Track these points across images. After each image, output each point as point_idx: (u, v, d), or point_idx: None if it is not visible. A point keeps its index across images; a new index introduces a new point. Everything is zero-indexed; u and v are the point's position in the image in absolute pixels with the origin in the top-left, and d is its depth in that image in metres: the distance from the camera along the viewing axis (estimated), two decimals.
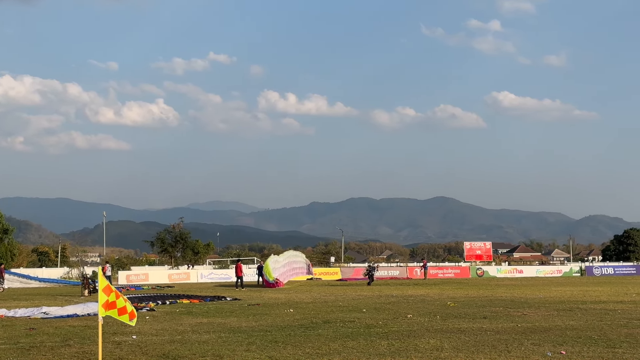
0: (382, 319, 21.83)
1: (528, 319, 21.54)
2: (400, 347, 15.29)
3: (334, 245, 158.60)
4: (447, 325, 19.80)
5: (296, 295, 36.50)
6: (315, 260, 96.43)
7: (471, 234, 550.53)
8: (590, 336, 16.83)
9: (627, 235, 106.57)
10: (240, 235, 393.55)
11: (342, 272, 66.66)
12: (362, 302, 30.24)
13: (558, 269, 76.18)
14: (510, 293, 36.95)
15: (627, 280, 58.79)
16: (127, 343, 16.34)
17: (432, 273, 67.58)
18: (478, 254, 79.66)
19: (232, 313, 24.77)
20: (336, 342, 16.20)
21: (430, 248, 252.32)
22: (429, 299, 31.79)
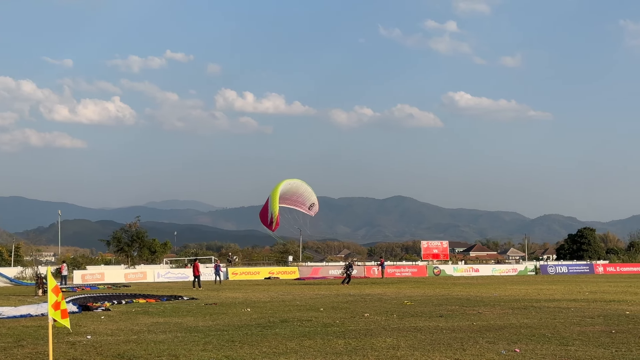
0: (340, 317, 21.87)
1: (483, 317, 21.76)
2: (357, 346, 15.33)
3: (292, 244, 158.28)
4: (403, 323, 19.91)
5: (254, 294, 36.44)
6: (273, 260, 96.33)
7: (428, 232, 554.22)
8: (544, 334, 17.06)
9: (580, 235, 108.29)
10: (198, 234, 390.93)
11: (300, 271, 66.76)
12: (319, 301, 30.28)
13: (513, 268, 77.15)
14: (466, 292, 37.29)
15: (581, 278, 59.76)
16: (82, 343, 16.14)
17: (390, 272, 67.99)
18: (435, 253, 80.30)
19: (189, 312, 24.62)
20: (293, 341, 16.19)
21: (388, 247, 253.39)
22: (386, 298, 31.94)
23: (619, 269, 78.99)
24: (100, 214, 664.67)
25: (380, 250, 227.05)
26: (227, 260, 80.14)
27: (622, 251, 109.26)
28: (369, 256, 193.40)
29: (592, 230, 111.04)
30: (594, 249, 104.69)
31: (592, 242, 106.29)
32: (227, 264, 73.70)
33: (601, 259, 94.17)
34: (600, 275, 70.78)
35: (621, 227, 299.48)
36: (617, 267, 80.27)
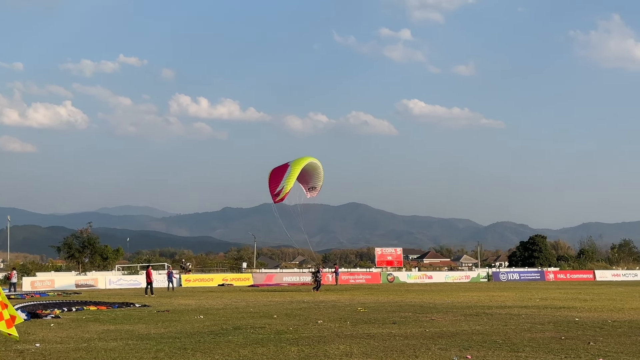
0: (293, 324, 21.83)
1: (436, 324, 21.91)
2: (310, 353, 15.31)
3: (247, 250, 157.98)
4: (357, 330, 19.94)
5: (207, 301, 36.21)
6: (227, 266, 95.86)
7: (383, 239, 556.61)
8: (495, 340, 17.22)
9: (532, 242, 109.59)
10: (151, 240, 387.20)
11: (254, 277, 66.52)
12: (273, 307, 30.20)
13: (466, 275, 77.87)
14: (419, 298, 37.51)
15: (532, 285, 60.53)
16: (30, 351, 15.86)
17: (344, 279, 68.07)
18: (389, 260, 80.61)
19: (141, 320, 24.36)
20: (246, 348, 16.11)
21: (342, 254, 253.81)
22: (340, 305, 31.98)
23: (569, 276, 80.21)
24: (51, 219, 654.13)
25: (334, 257, 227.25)
26: (181, 267, 79.47)
27: (573, 258, 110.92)
28: (324, 263, 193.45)
29: (543, 237, 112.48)
30: (545, 256, 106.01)
31: (543, 250, 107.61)
32: (181, 270, 73.11)
33: (552, 266, 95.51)
34: (551, 282, 71.78)
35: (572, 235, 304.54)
36: (567, 274, 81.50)
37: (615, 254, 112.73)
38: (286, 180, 44.02)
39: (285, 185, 43.90)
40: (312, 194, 48.63)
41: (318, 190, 48.51)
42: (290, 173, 44.33)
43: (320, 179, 48.08)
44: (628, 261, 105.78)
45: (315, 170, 47.36)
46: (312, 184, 48.15)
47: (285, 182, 43.96)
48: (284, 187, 43.89)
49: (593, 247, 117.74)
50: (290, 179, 44.02)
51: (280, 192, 43.90)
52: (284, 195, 44.24)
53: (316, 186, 48.06)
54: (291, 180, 43.99)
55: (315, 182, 48.09)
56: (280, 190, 43.85)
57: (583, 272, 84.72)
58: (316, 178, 48.00)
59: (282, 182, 44.10)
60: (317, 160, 47.76)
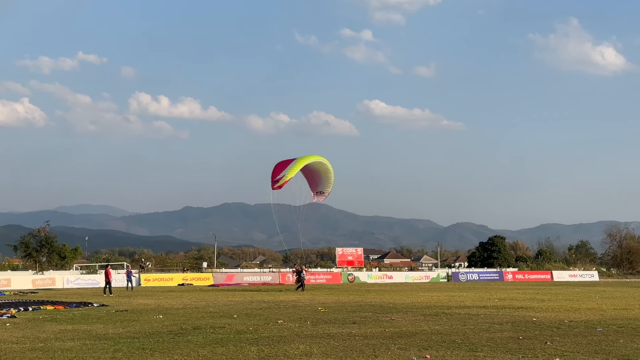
0: (253, 324, 21.76)
1: (396, 324, 21.99)
2: (270, 353, 15.27)
3: (207, 250, 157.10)
4: (317, 330, 19.94)
5: (166, 301, 35.95)
6: (187, 266, 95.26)
7: (344, 239, 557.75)
8: (454, 340, 17.34)
9: (491, 243, 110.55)
10: (110, 239, 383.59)
11: (214, 277, 66.21)
12: (233, 307, 30.08)
13: (426, 275, 78.37)
14: (379, 298, 37.64)
15: (491, 285, 61.11)
16: None
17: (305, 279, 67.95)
18: (350, 260, 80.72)
19: (99, 319, 24.09)
20: (205, 348, 16.01)
21: (303, 254, 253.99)
22: (301, 305, 31.97)
23: (527, 277, 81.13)
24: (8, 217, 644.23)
25: (295, 257, 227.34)
26: (140, 267, 78.77)
27: (531, 259, 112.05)
28: (284, 263, 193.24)
29: (502, 238, 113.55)
30: (504, 257, 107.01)
31: (502, 250, 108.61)
32: (140, 270, 72.48)
33: (511, 267, 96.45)
34: (510, 282, 72.51)
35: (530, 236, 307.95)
36: (525, 275, 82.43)
37: (573, 255, 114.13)
38: (289, 170, 44.31)
39: (287, 174, 44.45)
40: (319, 198, 48.71)
41: (326, 195, 48.78)
42: (294, 165, 44.69)
43: (330, 184, 48.35)
44: (585, 262, 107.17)
45: (325, 174, 47.48)
46: (321, 189, 48.35)
47: (287, 172, 44.26)
48: (285, 176, 44.43)
49: (551, 248, 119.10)
50: (293, 169, 44.40)
51: (280, 180, 44.26)
52: (283, 183, 44.69)
53: (324, 191, 48.41)
54: (293, 171, 44.43)
55: (324, 187, 48.40)
56: (281, 178, 44.22)
57: (541, 272, 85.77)
58: (326, 183, 48.27)
59: (284, 171, 44.63)
60: (327, 163, 47.70)
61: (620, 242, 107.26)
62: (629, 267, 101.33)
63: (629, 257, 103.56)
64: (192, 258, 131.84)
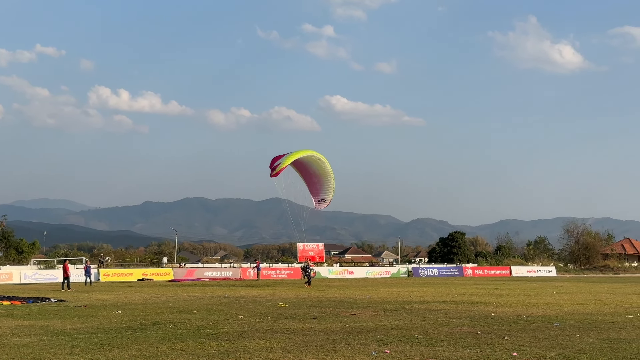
0: (213, 320, 21.67)
1: (356, 319, 22.06)
2: (230, 348, 15.22)
3: (167, 245, 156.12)
4: (277, 325, 19.92)
5: (126, 296, 35.65)
6: (147, 261, 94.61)
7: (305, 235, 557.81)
8: (414, 335, 17.44)
9: (451, 238, 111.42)
10: (69, 234, 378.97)
11: (174, 272, 65.80)
12: (193, 303, 29.94)
13: (387, 270, 78.80)
14: (340, 294, 37.74)
15: (450, 281, 61.63)
16: None
17: (265, 274, 68.01)
18: (311, 255, 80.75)
19: (57, 315, 23.79)
20: (164, 344, 15.90)
21: (264, 249, 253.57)
22: (261, 300, 31.93)
23: (487, 272, 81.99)
24: None
25: (256, 252, 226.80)
26: (99, 262, 78.06)
27: (490, 254, 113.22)
28: (246, 258, 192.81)
29: (462, 234, 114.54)
30: (464, 252, 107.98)
31: (462, 246, 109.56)
32: (99, 265, 71.79)
33: (470, 262, 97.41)
34: (469, 277, 73.21)
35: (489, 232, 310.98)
36: (484, 270, 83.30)
37: (531, 251, 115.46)
38: (285, 158, 44.64)
39: (282, 162, 44.44)
40: (321, 206, 48.43)
41: (328, 203, 48.37)
42: (290, 154, 45.05)
43: (331, 190, 48.09)
44: (543, 257, 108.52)
45: (325, 177, 47.34)
46: (322, 196, 48.07)
47: (283, 160, 44.53)
48: (281, 163, 44.47)
49: (510, 243, 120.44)
50: (289, 158, 44.68)
51: (277, 167, 44.68)
52: (280, 170, 44.93)
53: (326, 199, 48.06)
54: (289, 160, 44.59)
55: (325, 194, 48.15)
56: (277, 165, 44.68)
57: (500, 268, 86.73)
58: (327, 189, 48.02)
59: (280, 160, 44.75)
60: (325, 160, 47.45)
61: (577, 238, 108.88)
62: (585, 263, 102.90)
63: (586, 253, 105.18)
64: (152, 253, 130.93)
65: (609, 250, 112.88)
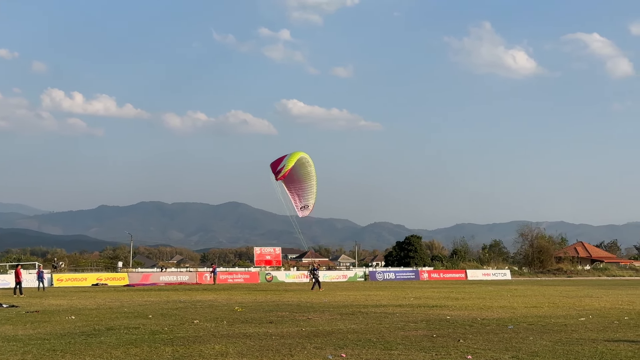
0: (168, 325, 21.48)
1: (312, 323, 22.04)
2: (185, 353, 15.09)
3: (123, 249, 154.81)
4: (233, 330, 19.82)
5: (79, 301, 35.19)
6: (102, 266, 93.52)
7: (262, 239, 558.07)
8: (370, 339, 17.47)
9: (408, 242, 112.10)
10: (22, 238, 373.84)
11: (129, 277, 65.17)
12: (148, 307, 29.66)
13: (343, 274, 78.97)
14: (297, 298, 37.70)
15: (407, 284, 61.94)
16: None
17: (222, 278, 67.69)
18: (268, 259, 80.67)
19: (8, 320, 23.38)
20: (119, 349, 15.71)
21: (221, 253, 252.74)
22: (217, 304, 31.75)
23: (443, 275, 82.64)
24: None
25: (213, 256, 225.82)
26: (52, 266, 76.93)
27: (446, 258, 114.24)
28: (202, 262, 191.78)
29: (418, 237, 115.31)
30: (420, 256, 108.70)
31: (418, 250, 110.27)
32: (52, 270, 70.76)
33: (426, 266, 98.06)
34: (425, 281, 73.70)
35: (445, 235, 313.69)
36: (440, 274, 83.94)
37: (486, 254, 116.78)
38: (288, 160, 45.36)
39: (287, 164, 45.05)
40: (304, 213, 48.19)
41: (310, 209, 48.14)
42: (291, 156, 45.75)
43: (313, 194, 48.02)
44: (498, 261, 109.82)
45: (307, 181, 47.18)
46: (305, 202, 47.81)
47: (287, 162, 45.22)
48: (285, 166, 45.00)
49: (465, 247, 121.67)
50: (291, 160, 45.28)
51: (282, 170, 45.15)
52: (286, 172, 45.20)
53: (308, 204, 47.87)
54: (292, 161, 45.22)
55: (307, 199, 47.88)
56: (282, 167, 45.20)
57: (455, 271, 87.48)
58: (309, 193, 47.70)
59: (282, 162, 45.41)
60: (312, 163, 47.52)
61: (531, 241, 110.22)
62: (539, 266, 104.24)
63: (540, 256, 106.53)
64: (107, 258, 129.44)
65: (562, 253, 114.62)
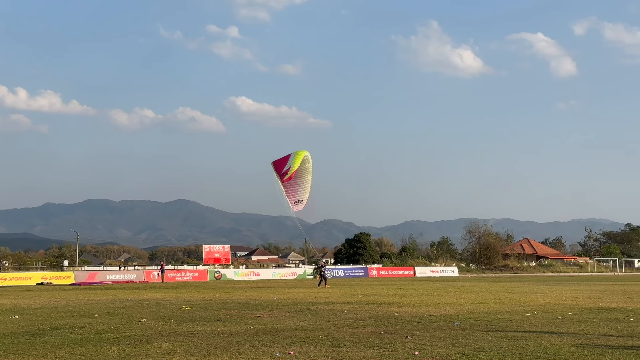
0: (115, 323, 21.23)
1: (261, 320, 21.99)
2: (131, 352, 14.93)
3: (69, 248, 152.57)
4: (181, 328, 19.67)
5: (23, 300, 34.57)
6: (47, 264, 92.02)
7: (211, 237, 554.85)
8: (318, 336, 17.50)
9: (357, 239, 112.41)
10: None
11: (75, 276, 64.24)
12: (94, 306, 29.27)
13: (293, 272, 78.91)
14: (246, 295, 37.59)
15: (356, 281, 62.21)
16: None
17: (170, 276, 67.14)
18: (217, 257, 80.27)
19: None
20: (63, 349, 15.47)
21: (169, 251, 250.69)
22: (165, 303, 31.48)
23: (391, 272, 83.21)
24: None
25: (161, 254, 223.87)
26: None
27: (395, 255, 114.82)
28: (150, 260, 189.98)
29: (367, 235, 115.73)
30: (369, 253, 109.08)
31: (367, 247, 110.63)
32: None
33: (375, 263, 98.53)
34: (374, 278, 74.10)
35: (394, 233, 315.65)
36: (389, 271, 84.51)
37: (434, 251, 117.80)
38: (292, 161, 44.90)
39: (292, 165, 44.59)
40: (297, 207, 47.46)
41: (305, 203, 47.41)
42: (295, 157, 45.25)
43: (307, 189, 47.25)
44: (445, 258, 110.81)
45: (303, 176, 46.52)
46: (299, 197, 47.05)
47: (292, 163, 44.78)
48: (291, 167, 44.53)
49: (414, 244, 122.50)
50: (296, 161, 44.87)
51: (288, 171, 44.80)
52: (292, 173, 44.79)
53: (303, 199, 47.08)
54: (297, 162, 44.79)
55: (302, 194, 47.14)
56: (288, 169, 44.67)
57: (404, 268, 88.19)
58: (303, 188, 47.08)
59: (288, 163, 44.86)
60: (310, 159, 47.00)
61: (479, 238, 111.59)
62: (486, 263, 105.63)
63: (487, 253, 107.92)
64: (52, 256, 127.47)
65: (508, 250, 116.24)
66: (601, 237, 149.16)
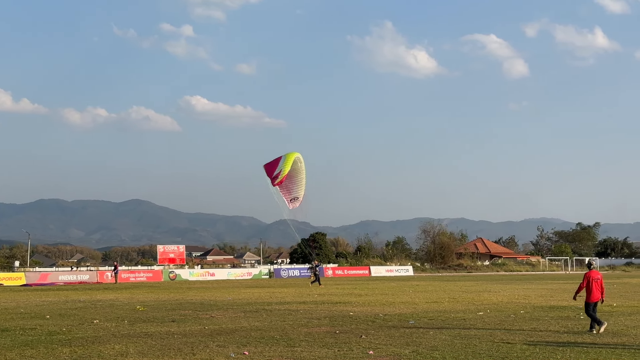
0: (67, 325, 20.94)
1: (215, 321, 21.89)
2: (84, 354, 14.74)
3: (20, 248, 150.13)
4: (134, 329, 19.48)
5: None
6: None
7: (166, 237, 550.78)
8: (273, 336, 17.48)
9: (313, 239, 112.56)
10: None
11: (27, 277, 63.20)
12: (46, 308, 28.84)
13: (248, 272, 78.67)
14: (200, 296, 37.39)
15: None
16: None
17: (124, 277, 66.44)
18: (171, 257, 79.73)
19: None
20: (13, 351, 15.21)
21: (123, 251, 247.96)
22: (119, 304, 31.15)
23: (347, 272, 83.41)
24: None
25: (115, 254, 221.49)
26: None
27: (350, 255, 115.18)
28: (104, 261, 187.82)
29: (323, 234, 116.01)
30: (325, 253, 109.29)
31: (323, 246, 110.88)
32: None
33: (331, 263, 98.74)
34: (330, 278, 74.16)
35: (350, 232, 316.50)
36: (345, 270, 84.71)
37: (390, 251, 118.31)
38: (283, 164, 44.23)
39: (283, 169, 43.86)
40: (294, 204, 46.86)
41: (300, 200, 46.81)
42: (285, 160, 44.59)
43: (302, 186, 46.64)
44: (401, 257, 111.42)
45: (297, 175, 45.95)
46: (295, 194, 46.46)
47: (283, 166, 44.08)
48: (282, 170, 43.79)
49: (369, 244, 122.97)
50: (287, 163, 44.18)
51: (279, 175, 43.89)
52: (282, 177, 44.04)
53: (299, 196, 46.48)
54: (287, 165, 44.10)
55: (297, 191, 46.54)
56: (279, 173, 43.87)
57: (360, 268, 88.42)
58: (298, 186, 46.46)
59: (279, 167, 44.09)
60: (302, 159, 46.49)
61: (433, 238, 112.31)
62: (441, 262, 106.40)
63: (441, 252, 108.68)
64: (3, 257, 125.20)
65: (462, 249, 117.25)
66: (553, 237, 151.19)
